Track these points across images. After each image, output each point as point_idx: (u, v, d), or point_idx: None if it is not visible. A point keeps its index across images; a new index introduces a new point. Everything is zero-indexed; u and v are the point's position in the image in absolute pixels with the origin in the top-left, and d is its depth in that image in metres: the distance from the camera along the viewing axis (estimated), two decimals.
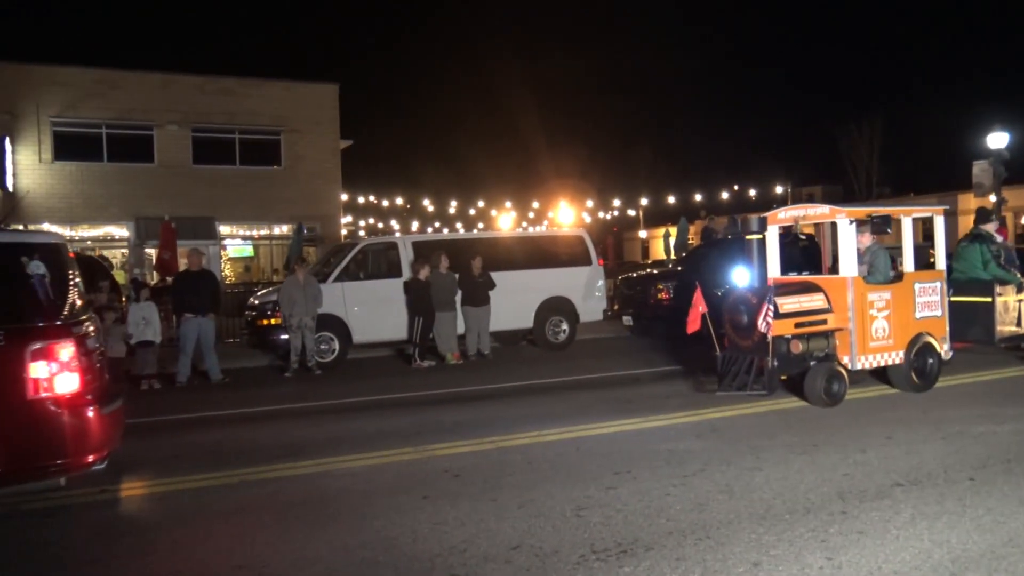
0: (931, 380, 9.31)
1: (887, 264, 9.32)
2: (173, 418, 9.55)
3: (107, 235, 26.98)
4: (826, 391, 8.48)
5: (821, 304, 8.93)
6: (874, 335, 8.93)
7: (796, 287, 9.13)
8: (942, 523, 5.10)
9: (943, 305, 9.51)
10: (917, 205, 10.44)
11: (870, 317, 8.89)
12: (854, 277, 8.85)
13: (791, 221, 9.84)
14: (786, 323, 8.60)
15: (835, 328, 8.88)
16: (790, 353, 8.58)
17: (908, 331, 9.15)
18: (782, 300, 8.68)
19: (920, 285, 9.33)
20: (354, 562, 4.79)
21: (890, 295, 9.07)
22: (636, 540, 4.96)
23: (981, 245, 10.15)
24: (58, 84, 25.69)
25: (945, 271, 9.71)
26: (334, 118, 29.65)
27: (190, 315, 12.04)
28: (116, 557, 5.02)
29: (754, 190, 53.61)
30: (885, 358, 9.05)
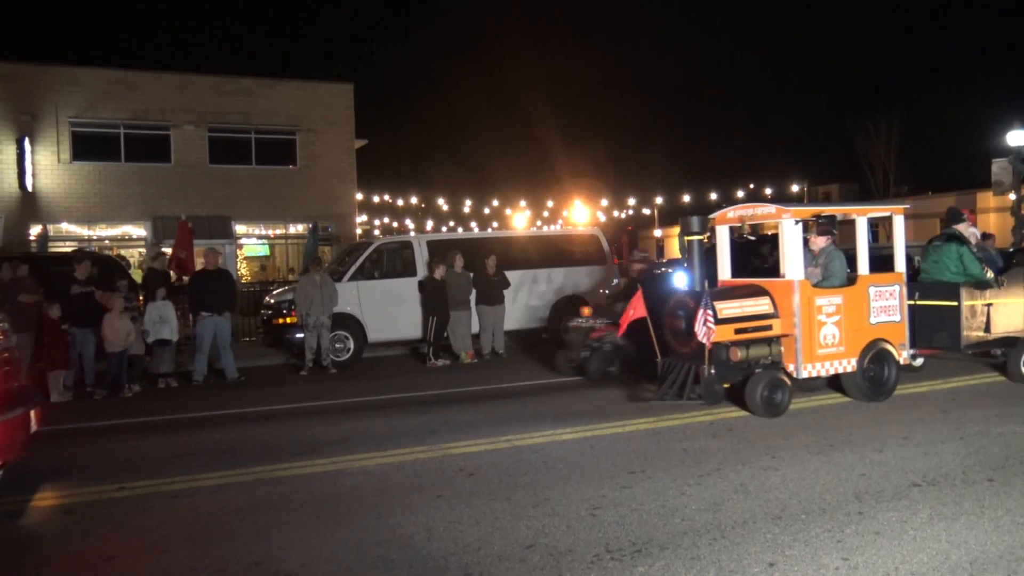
0: (887, 390, 8.81)
1: (843, 267, 8.83)
2: (189, 416, 9.62)
3: (125, 234, 27.17)
4: (766, 400, 8.07)
5: (766, 309, 8.49)
6: (823, 342, 8.46)
7: (740, 291, 8.73)
8: (960, 524, 5.05)
9: (902, 310, 8.99)
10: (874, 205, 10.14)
11: (818, 323, 8.43)
12: (800, 280, 8.42)
13: (738, 221, 9.41)
14: (726, 329, 8.20)
15: (781, 334, 8.46)
16: (729, 360, 8.14)
17: (862, 337, 8.67)
18: (722, 305, 8.29)
19: (876, 289, 8.82)
20: (369, 560, 4.81)
21: (841, 299, 8.59)
22: (651, 540, 4.95)
23: (959, 247, 9.55)
24: (76, 85, 25.89)
25: (904, 274, 9.15)
26: (349, 117, 29.72)
27: (206, 314, 12.12)
28: (133, 553, 5.06)
29: (769, 188, 53.30)
30: (835, 366, 8.55)
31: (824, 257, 8.89)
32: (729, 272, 9.50)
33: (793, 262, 8.47)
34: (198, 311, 12.30)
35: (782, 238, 8.59)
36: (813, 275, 8.78)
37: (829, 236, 8.97)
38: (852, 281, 8.81)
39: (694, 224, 8.65)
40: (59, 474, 6.99)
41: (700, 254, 8.60)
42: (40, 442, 8.31)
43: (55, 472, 7.07)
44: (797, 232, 8.48)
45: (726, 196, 52.26)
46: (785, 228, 8.52)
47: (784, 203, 8.88)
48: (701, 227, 8.71)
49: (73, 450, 7.96)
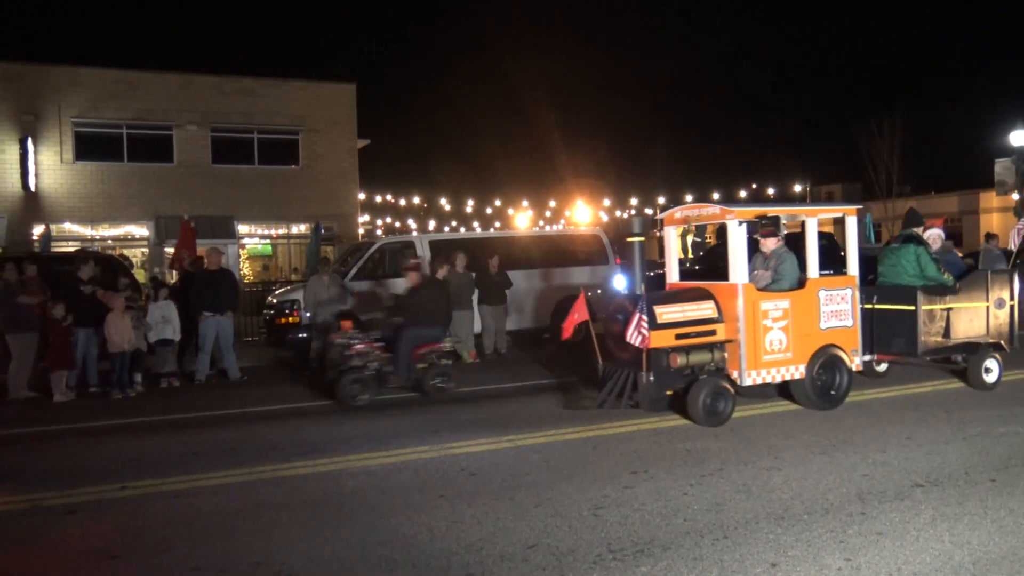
0: (839, 397, 8.48)
1: (794, 270, 8.51)
2: (192, 416, 9.63)
3: (127, 234, 27.21)
4: (708, 409, 7.79)
5: (709, 313, 8.19)
6: (768, 348, 8.14)
7: (684, 295, 8.48)
8: (963, 524, 5.05)
9: (855, 314, 8.64)
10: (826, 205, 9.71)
11: (764, 328, 8.12)
12: (744, 284, 8.12)
13: (683, 222, 9.12)
14: (666, 334, 7.92)
15: (726, 340, 8.17)
16: (670, 367, 7.89)
17: (811, 343, 8.35)
18: (662, 309, 8.03)
19: (826, 293, 8.49)
20: (371, 560, 4.81)
21: (789, 304, 8.26)
22: (653, 540, 4.95)
23: (917, 248, 9.18)
24: (79, 85, 25.95)
25: (857, 277, 8.77)
26: (352, 117, 29.75)
27: (208, 314, 12.13)
28: (136, 553, 5.06)
29: (772, 188, 53.30)
30: (783, 373, 8.26)
31: (775, 259, 8.60)
32: (677, 275, 9.28)
33: (738, 265, 8.16)
34: (200, 311, 12.31)
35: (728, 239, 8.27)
36: (763, 278, 8.53)
37: (780, 237, 8.69)
38: (802, 284, 8.52)
39: (635, 225, 8.41)
40: (62, 473, 7.00)
41: (641, 256, 8.34)
42: (43, 442, 8.35)
43: (58, 472, 7.08)
44: (741, 233, 8.18)
45: (728, 196, 52.27)
46: (729, 229, 8.21)
47: (730, 203, 8.56)
48: (642, 228, 8.44)
49: (76, 449, 7.97)
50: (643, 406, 7.94)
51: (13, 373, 11.09)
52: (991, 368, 9.26)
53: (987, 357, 9.24)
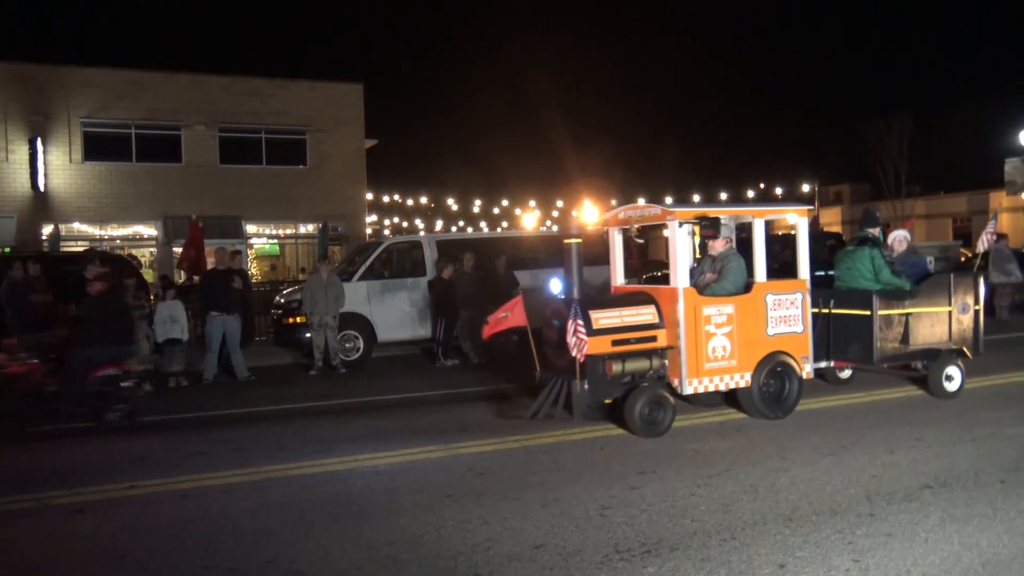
0: (788, 406, 8.10)
1: (740, 273, 8.16)
2: (200, 415, 9.66)
3: (136, 234, 27.33)
4: (645, 419, 7.44)
5: (649, 319, 7.85)
6: (711, 355, 7.79)
7: (623, 299, 8.14)
8: (972, 526, 5.03)
9: (805, 320, 8.26)
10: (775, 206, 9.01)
11: (706, 334, 7.77)
12: (685, 288, 7.78)
13: (625, 223, 8.69)
14: (602, 340, 7.60)
15: (667, 346, 7.85)
16: (606, 375, 7.58)
17: (757, 350, 8.00)
18: (599, 314, 7.69)
19: (774, 297, 8.10)
20: (379, 559, 4.82)
21: (733, 309, 7.91)
22: (660, 540, 4.94)
23: (871, 250, 8.81)
24: (88, 85, 26.06)
25: (808, 281, 8.38)
26: (359, 117, 29.81)
27: (215, 313, 12.17)
28: (145, 551, 5.08)
29: (780, 188, 53.16)
30: (727, 381, 7.89)
31: (722, 262, 8.26)
32: (622, 278, 8.96)
33: (679, 268, 7.83)
34: (207, 310, 12.35)
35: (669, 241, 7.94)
36: (710, 281, 8.23)
37: (728, 239, 8.38)
38: (746, 288, 8.14)
39: (573, 227, 8.17)
40: (71, 472, 7.03)
41: (579, 259, 7.95)
42: (53, 440, 8.39)
43: (67, 470, 7.11)
44: (683, 235, 7.94)
45: (737, 196, 52.17)
46: (670, 230, 7.87)
47: (674, 204, 8.19)
48: (578, 230, 8.14)
49: (85, 448, 8.00)
50: (576, 416, 7.60)
51: None
52: (953, 376, 8.82)
53: (949, 364, 8.82)
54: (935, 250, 21.83)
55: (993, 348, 12.69)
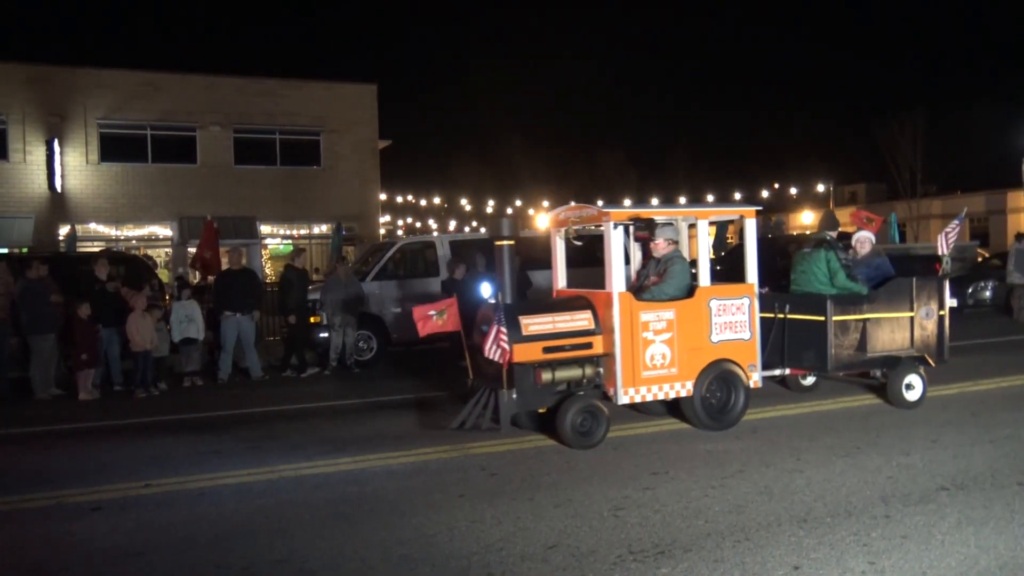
0: (732, 417, 7.75)
1: (683, 277, 7.80)
2: (215, 414, 9.71)
3: (151, 235, 27.52)
4: (576, 430, 7.11)
5: (584, 324, 7.50)
6: (649, 363, 7.43)
7: (558, 304, 7.86)
8: (989, 529, 4.98)
9: (752, 326, 7.88)
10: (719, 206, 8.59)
11: (644, 341, 7.41)
12: (620, 292, 7.41)
13: (564, 224, 8.31)
14: (532, 347, 7.26)
15: (603, 353, 7.49)
16: (536, 384, 7.25)
17: (700, 358, 7.64)
18: (530, 319, 7.36)
19: (719, 303, 7.74)
20: (391, 559, 4.82)
21: (673, 314, 7.55)
22: (674, 541, 4.92)
23: (827, 252, 8.45)
24: (104, 87, 26.27)
25: (756, 285, 7.99)
26: (373, 118, 29.91)
27: (230, 313, 12.24)
28: (159, 550, 5.11)
29: (795, 188, 52.92)
30: (666, 390, 7.53)
31: (665, 265, 7.91)
32: (564, 281, 8.60)
33: (614, 271, 7.43)
34: (222, 310, 12.41)
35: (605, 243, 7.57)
36: (653, 285, 7.90)
37: (673, 241, 8.02)
38: (688, 293, 7.78)
39: (503, 228, 7.66)
40: (86, 471, 7.08)
41: (510, 261, 7.63)
42: (68, 440, 8.46)
43: (82, 469, 7.16)
44: (618, 237, 7.55)
45: (751, 196, 51.97)
46: (606, 232, 7.52)
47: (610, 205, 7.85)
48: (511, 231, 7.73)
49: (100, 447, 8.06)
50: (503, 427, 7.27)
51: (39, 372, 11.22)
52: (913, 385, 8.39)
53: (909, 372, 8.37)
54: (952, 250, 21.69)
55: (1010, 349, 12.60)
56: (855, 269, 8.81)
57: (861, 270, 8.84)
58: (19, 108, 25.19)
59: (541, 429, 7.70)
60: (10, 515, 5.93)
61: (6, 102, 25.04)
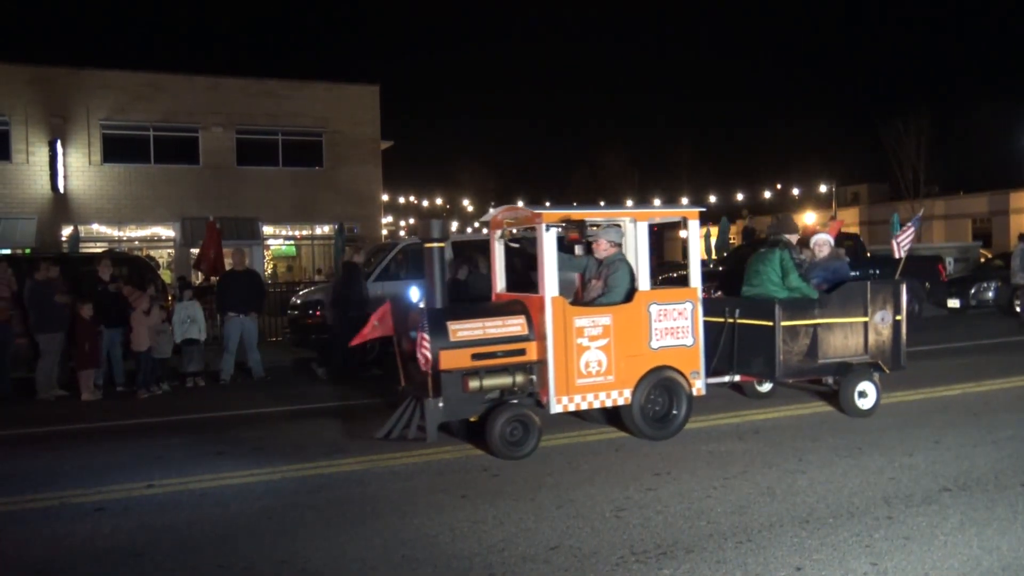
0: (674, 427, 7.47)
1: (624, 281, 7.54)
2: (217, 415, 9.72)
3: (154, 235, 27.56)
4: (506, 439, 6.88)
5: (517, 330, 7.23)
6: (584, 370, 7.16)
7: (490, 309, 7.58)
8: (992, 530, 4.97)
9: (695, 331, 7.61)
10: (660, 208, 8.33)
11: (578, 347, 7.13)
12: (553, 297, 7.11)
13: (501, 225, 8.11)
14: (460, 354, 7.01)
15: (537, 360, 7.21)
16: (464, 392, 6.94)
17: (639, 365, 7.37)
18: (458, 325, 7.08)
19: (659, 307, 7.45)
20: (394, 559, 4.83)
21: (610, 320, 7.28)
22: (676, 542, 4.92)
23: (782, 252, 8.18)
24: (107, 88, 26.32)
25: (699, 289, 7.73)
26: (375, 119, 29.94)
27: (233, 314, 12.25)
28: (160, 550, 5.12)
29: (797, 189, 52.81)
30: (602, 398, 7.26)
31: (607, 268, 7.65)
32: (503, 284, 8.24)
33: (547, 275, 7.15)
34: (225, 311, 12.43)
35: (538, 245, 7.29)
36: (596, 288, 7.70)
37: (614, 243, 7.75)
38: (627, 298, 7.50)
39: (433, 229, 7.29)
40: (89, 472, 7.09)
41: (441, 264, 7.33)
42: (71, 440, 8.47)
43: (85, 470, 7.17)
44: (551, 239, 7.22)
45: (753, 196, 51.93)
46: (539, 233, 7.23)
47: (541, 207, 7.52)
48: (441, 232, 7.39)
49: (103, 448, 8.07)
50: (429, 437, 6.97)
51: (43, 372, 11.25)
52: (866, 392, 8.12)
53: (862, 379, 8.11)
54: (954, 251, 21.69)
55: (1012, 350, 12.58)
56: (812, 272, 8.67)
57: (818, 273, 8.67)
58: (22, 109, 25.24)
59: (470, 438, 7.48)
60: (14, 515, 5.94)
61: (9, 103, 25.10)
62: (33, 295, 11.24)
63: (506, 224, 8.01)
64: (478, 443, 7.50)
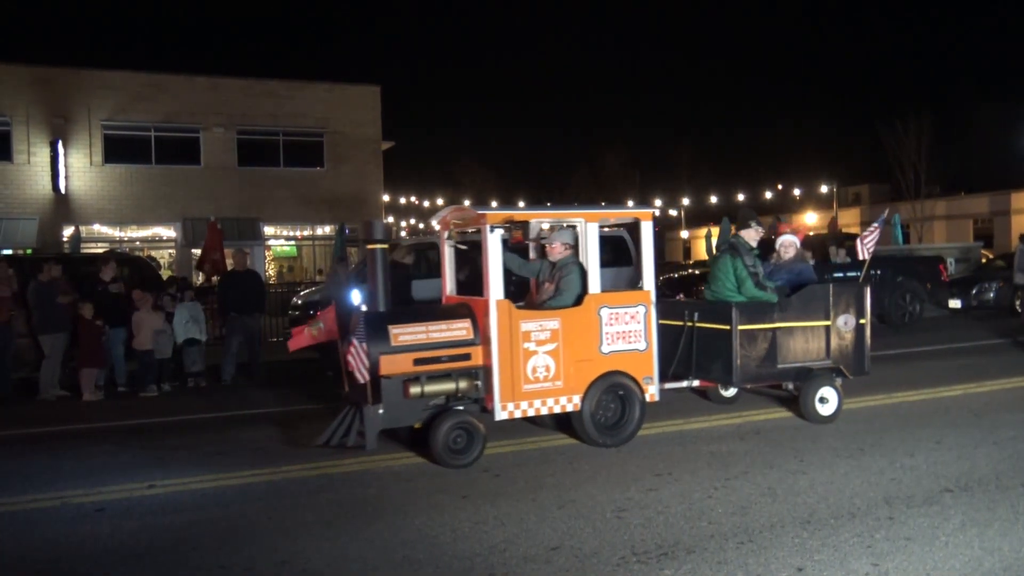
0: (627, 434, 7.29)
1: (579, 285, 7.32)
2: (218, 415, 9.72)
3: (155, 236, 27.59)
4: (449, 447, 6.69)
5: (463, 335, 7.02)
6: (531, 375, 6.96)
7: (434, 312, 7.36)
8: (993, 530, 4.97)
9: (648, 336, 7.42)
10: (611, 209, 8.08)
11: (525, 352, 6.94)
12: (498, 300, 6.89)
13: (447, 226, 7.95)
14: (402, 359, 6.79)
15: (482, 365, 7.01)
16: (404, 398, 6.70)
17: (589, 370, 7.17)
18: (400, 329, 6.87)
19: (610, 311, 7.26)
20: (395, 560, 4.83)
21: (559, 324, 7.08)
22: (677, 543, 4.92)
23: (733, 260, 8.01)
24: (108, 88, 26.34)
25: (652, 293, 7.52)
26: (376, 119, 29.96)
27: (234, 314, 12.26)
28: (161, 551, 5.12)
29: (798, 189, 52.80)
30: (550, 404, 7.05)
31: (559, 271, 7.45)
32: (452, 287, 8.07)
33: (491, 277, 6.92)
34: (227, 312, 12.43)
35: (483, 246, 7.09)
36: (547, 292, 7.52)
37: (568, 244, 7.53)
38: (576, 301, 7.29)
39: (376, 230, 7.13)
40: (90, 472, 7.09)
41: (384, 266, 7.14)
42: (72, 440, 8.47)
43: (86, 470, 7.17)
44: (495, 240, 6.97)
45: (754, 197, 51.89)
46: (484, 235, 7.01)
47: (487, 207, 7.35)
48: (384, 234, 7.22)
49: (104, 448, 8.07)
50: (368, 445, 6.74)
51: (46, 372, 11.25)
52: (827, 398, 7.88)
53: (823, 385, 7.88)
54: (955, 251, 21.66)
55: (1014, 350, 12.57)
56: (776, 274, 8.55)
57: (782, 275, 8.52)
58: (23, 109, 25.27)
59: (412, 446, 7.33)
60: (15, 515, 5.94)
61: (10, 103, 25.12)
62: (36, 295, 11.26)
63: (453, 225, 7.84)
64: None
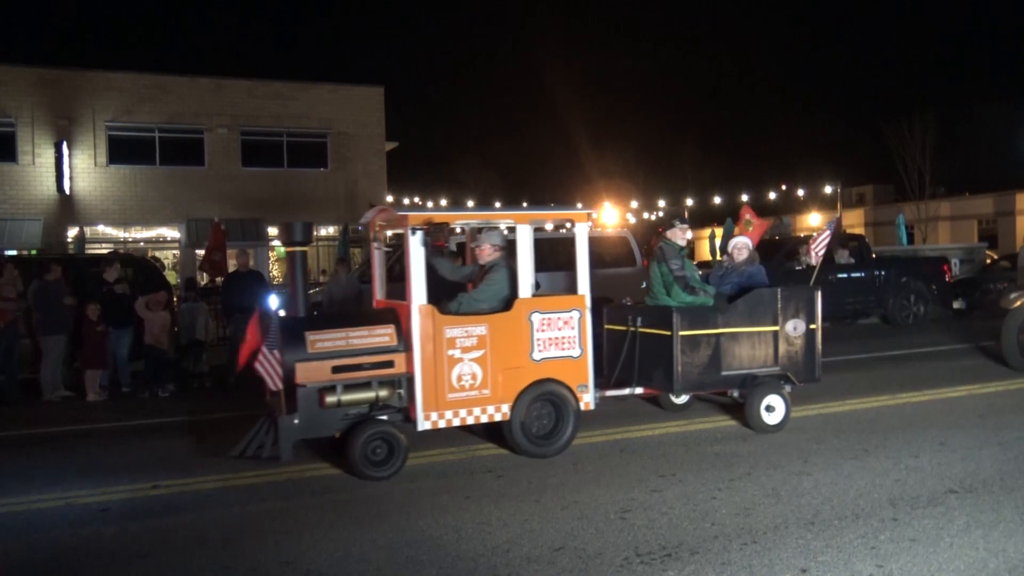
0: (561, 441, 7.04)
1: (502, 287, 7.14)
2: (222, 416, 9.73)
3: (159, 236, 27.63)
4: (367, 458, 6.42)
5: (385, 341, 6.74)
6: (456, 383, 6.70)
7: (356, 318, 7.16)
8: (998, 532, 4.96)
9: (583, 342, 7.15)
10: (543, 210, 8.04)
11: (450, 359, 6.68)
12: (420, 305, 6.65)
13: (373, 227, 7.76)
14: (319, 366, 6.51)
15: (407, 373, 6.75)
16: (320, 407, 6.43)
17: (519, 378, 6.91)
18: (318, 335, 6.62)
19: (541, 316, 6.99)
20: (399, 560, 4.83)
21: (485, 330, 6.82)
22: (681, 544, 4.92)
23: (659, 265, 7.86)
24: (113, 89, 26.39)
25: (587, 296, 7.22)
26: (380, 120, 29.98)
27: (238, 315, 12.26)
28: (166, 551, 5.12)
29: (802, 190, 52.71)
30: (477, 414, 6.80)
31: (485, 272, 7.26)
32: (382, 291, 7.85)
33: (415, 280, 6.67)
34: (230, 312, 12.44)
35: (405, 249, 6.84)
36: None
37: (497, 246, 7.32)
38: (505, 305, 7.06)
39: (296, 232, 6.86)
40: (94, 472, 7.10)
41: (302, 269, 6.95)
42: (76, 441, 8.49)
43: (90, 470, 7.19)
44: (417, 243, 6.72)
45: (757, 197, 51.80)
46: (405, 238, 6.77)
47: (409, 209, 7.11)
48: (304, 236, 6.96)
49: (108, 449, 8.09)
50: (283, 456, 6.43)
51: (47, 373, 11.27)
52: (774, 406, 7.61)
53: (769, 393, 7.61)
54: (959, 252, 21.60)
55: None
56: (728, 277, 8.39)
57: (732, 278, 8.34)
58: (28, 111, 25.33)
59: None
60: (19, 516, 5.95)
61: (15, 105, 25.19)
62: (40, 296, 11.26)
63: (379, 227, 7.68)
64: (482, 444, 7.51)
